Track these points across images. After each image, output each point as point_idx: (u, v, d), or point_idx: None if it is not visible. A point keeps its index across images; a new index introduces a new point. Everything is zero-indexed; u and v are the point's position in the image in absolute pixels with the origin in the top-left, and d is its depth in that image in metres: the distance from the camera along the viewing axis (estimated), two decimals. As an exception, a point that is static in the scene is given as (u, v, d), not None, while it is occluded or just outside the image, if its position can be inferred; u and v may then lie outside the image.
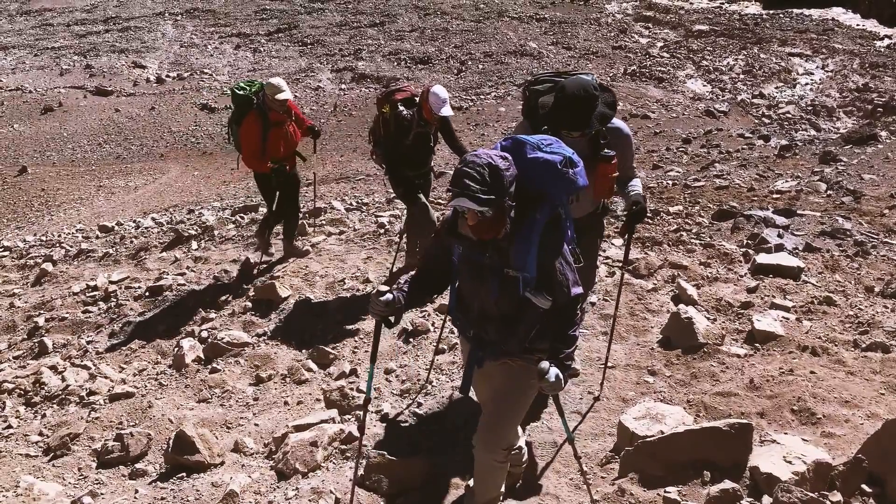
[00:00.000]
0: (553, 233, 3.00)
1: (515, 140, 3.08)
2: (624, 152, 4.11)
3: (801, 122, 17.06)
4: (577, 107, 3.81)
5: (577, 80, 3.86)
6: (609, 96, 4.08)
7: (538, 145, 3.05)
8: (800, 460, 3.49)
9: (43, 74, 24.48)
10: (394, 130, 6.23)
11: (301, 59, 24.80)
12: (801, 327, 5.21)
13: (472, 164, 2.81)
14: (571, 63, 22.44)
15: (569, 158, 3.01)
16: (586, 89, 3.82)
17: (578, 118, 3.86)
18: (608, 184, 4.05)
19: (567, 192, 3.06)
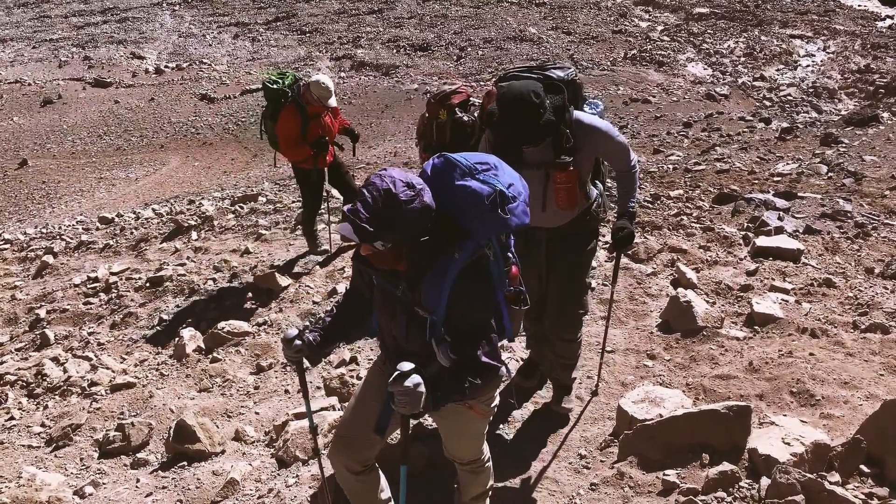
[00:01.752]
0: (473, 278, 2.57)
1: (446, 160, 2.62)
2: (598, 148, 3.66)
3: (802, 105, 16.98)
4: (514, 120, 3.36)
5: (513, 89, 3.36)
6: (557, 98, 3.49)
7: (471, 169, 2.58)
8: (798, 442, 3.49)
9: (42, 66, 24.44)
10: (453, 138, 5.66)
11: (300, 48, 24.72)
12: (800, 309, 5.20)
13: (371, 187, 2.42)
14: (571, 48, 22.33)
15: (500, 192, 2.52)
16: (523, 100, 3.31)
17: (520, 134, 3.41)
18: (565, 195, 3.61)
19: (494, 232, 2.60)
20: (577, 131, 3.55)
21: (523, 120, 3.35)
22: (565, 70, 3.67)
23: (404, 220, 2.40)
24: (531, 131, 3.39)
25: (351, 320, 3.00)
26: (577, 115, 3.59)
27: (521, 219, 2.62)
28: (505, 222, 2.55)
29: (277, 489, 3.84)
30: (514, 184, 2.64)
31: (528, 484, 3.80)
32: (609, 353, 4.98)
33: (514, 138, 3.41)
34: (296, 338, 2.84)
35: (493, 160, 2.68)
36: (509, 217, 2.55)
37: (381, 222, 2.39)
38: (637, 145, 13.12)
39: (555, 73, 3.62)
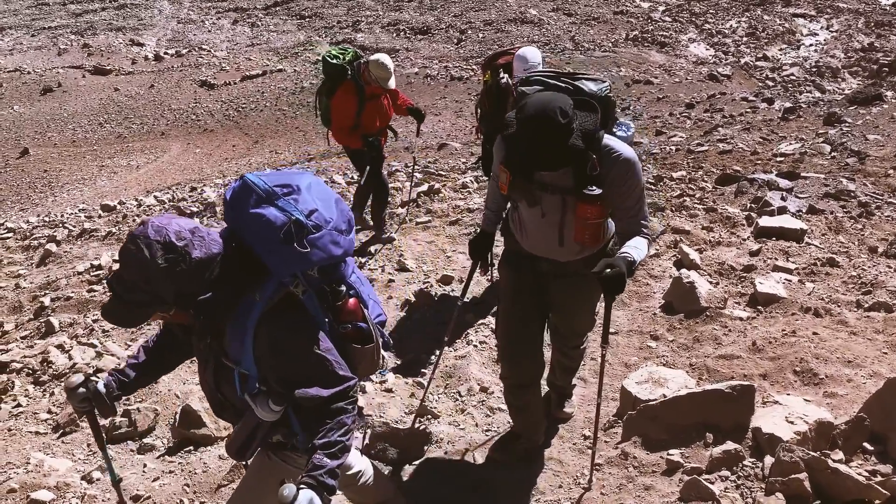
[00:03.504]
0: (280, 320, 2.23)
1: (243, 184, 2.28)
2: (621, 185, 3.03)
3: (805, 84, 16.89)
4: (533, 143, 2.86)
5: (537, 103, 2.82)
6: (590, 119, 2.95)
7: (269, 195, 2.23)
8: (802, 420, 3.50)
9: (41, 55, 24.36)
10: (494, 101, 5.27)
11: (299, 33, 24.61)
12: (803, 289, 5.20)
13: (126, 255, 2.06)
14: (572, 30, 22.20)
15: (296, 221, 2.19)
16: (548, 119, 2.76)
17: (538, 159, 2.89)
18: (587, 230, 3.13)
19: (293, 268, 2.26)
20: (605, 158, 2.98)
21: (545, 143, 2.83)
22: (599, 84, 3.10)
23: (169, 287, 2.07)
24: (553, 157, 2.88)
25: (161, 365, 2.65)
26: (607, 141, 3.02)
27: (329, 251, 2.29)
28: (304, 257, 2.22)
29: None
30: (319, 211, 2.28)
31: (533, 464, 3.82)
32: (612, 335, 4.99)
33: (530, 163, 2.91)
34: (80, 385, 2.48)
35: (300, 181, 2.32)
36: (309, 251, 2.22)
37: (142, 296, 2.07)
38: (639, 127, 13.07)
39: (587, 85, 3.06)
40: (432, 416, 4.28)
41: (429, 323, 5.43)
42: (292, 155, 14.85)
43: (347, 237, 2.39)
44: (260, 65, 21.92)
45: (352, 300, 2.49)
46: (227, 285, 2.18)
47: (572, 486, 3.63)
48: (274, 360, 2.24)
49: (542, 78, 3.12)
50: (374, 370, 2.65)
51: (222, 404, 2.46)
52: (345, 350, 2.43)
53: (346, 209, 2.42)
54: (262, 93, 19.53)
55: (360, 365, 2.51)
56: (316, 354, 2.27)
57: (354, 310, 2.49)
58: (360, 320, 2.50)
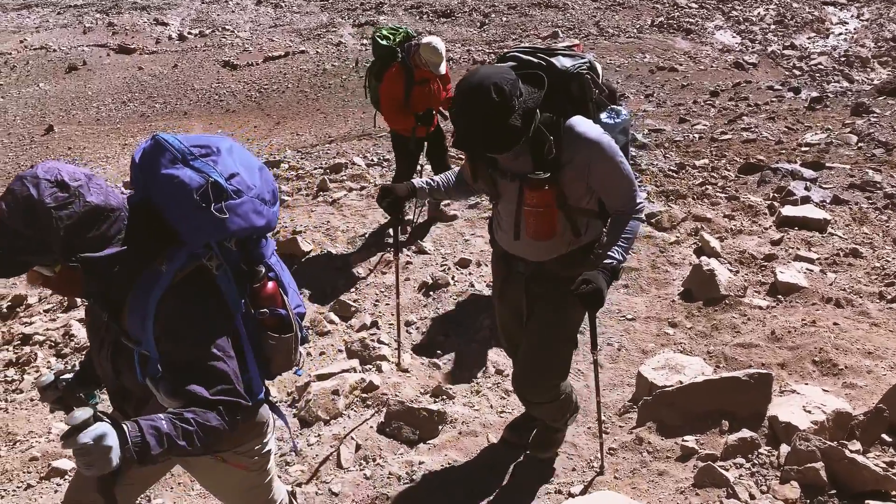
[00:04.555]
0: (186, 299, 1.99)
1: (156, 142, 2.05)
2: (589, 169, 2.76)
3: (833, 74, 16.59)
4: (466, 119, 2.62)
5: (475, 77, 2.59)
6: (532, 96, 2.67)
7: (183, 154, 2.01)
8: (819, 410, 3.48)
9: (66, 33, 24.52)
10: None
11: (322, 14, 24.57)
12: (825, 279, 5.15)
13: (8, 197, 1.83)
14: (597, 15, 21.96)
15: (214, 183, 1.97)
16: (481, 94, 2.52)
17: (471, 138, 2.65)
18: (535, 222, 2.85)
19: (208, 236, 2.02)
20: (567, 141, 2.72)
21: (477, 120, 2.58)
22: (576, 59, 2.85)
23: (57, 233, 1.82)
24: (487, 138, 2.61)
25: None
26: (571, 122, 2.74)
27: (250, 221, 2.06)
28: (221, 224, 1.99)
29: (299, 447, 3.91)
30: (240, 174, 2.06)
31: (547, 447, 3.82)
32: (630, 321, 4.99)
33: (464, 142, 2.68)
34: (51, 385, 2.35)
35: (220, 143, 2.10)
36: (227, 217, 1.99)
37: (25, 244, 1.81)
38: (662, 114, 12.94)
39: (561, 61, 2.82)
40: (447, 397, 4.30)
41: (445, 304, 5.44)
42: (313, 137, 14.87)
43: (271, 209, 2.16)
44: (282, 46, 21.91)
45: (271, 283, 2.27)
46: (128, 248, 1.93)
47: (586, 470, 3.64)
48: (169, 341, 1.97)
49: (516, 53, 2.90)
50: (290, 366, 2.38)
51: (123, 394, 2.19)
52: (260, 340, 2.23)
53: (270, 179, 2.21)
54: (284, 74, 19.53)
55: (275, 358, 2.30)
56: (213, 351, 2.00)
57: (273, 294, 2.27)
58: (279, 306, 2.27)
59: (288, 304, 2.31)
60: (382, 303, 5.60)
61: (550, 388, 3.27)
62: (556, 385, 3.29)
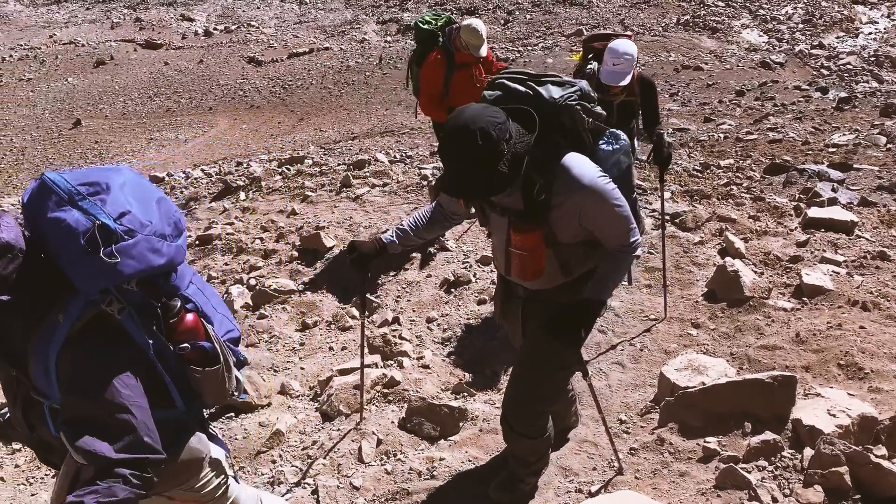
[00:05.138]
0: (88, 348, 1.87)
1: (42, 184, 1.90)
2: (581, 212, 2.59)
3: (862, 74, 16.35)
4: (453, 167, 2.48)
5: (463, 121, 2.38)
6: (522, 140, 2.48)
7: (70, 195, 1.86)
8: (844, 414, 3.44)
9: (94, 28, 24.85)
10: None
11: (346, 11, 24.67)
12: (851, 282, 5.09)
13: None
14: (622, 13, 21.81)
15: (101, 226, 1.83)
16: (467, 142, 2.35)
17: (455, 183, 2.52)
18: (520, 264, 2.77)
19: (100, 282, 1.88)
20: (561, 183, 2.55)
21: (461, 166, 2.44)
22: (565, 89, 2.65)
23: None
24: (471, 183, 2.47)
25: None
26: (566, 162, 2.56)
27: (146, 261, 1.91)
28: (113, 269, 1.84)
29: (321, 441, 3.94)
30: (132, 213, 1.91)
31: (568, 447, 3.82)
32: (652, 321, 4.97)
33: (448, 187, 2.55)
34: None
35: (110, 178, 1.94)
36: (119, 262, 1.84)
37: None
38: (687, 113, 12.85)
39: (550, 90, 2.62)
40: (468, 394, 4.32)
41: (467, 301, 5.46)
42: (336, 133, 14.95)
43: (173, 243, 2.00)
44: (307, 42, 22.04)
45: (189, 315, 2.13)
46: (23, 293, 1.82)
47: (606, 469, 3.63)
48: (68, 394, 1.85)
49: (505, 81, 2.69)
50: (225, 396, 2.25)
51: (45, 447, 2.09)
52: (185, 374, 2.13)
53: (172, 210, 2.04)
54: (309, 70, 19.65)
55: (206, 391, 2.18)
56: (117, 402, 1.86)
57: (192, 327, 2.13)
58: (202, 338, 2.14)
59: (213, 335, 2.16)
60: (404, 299, 5.63)
61: (537, 416, 3.12)
62: (542, 413, 3.14)
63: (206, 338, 2.15)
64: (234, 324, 2.35)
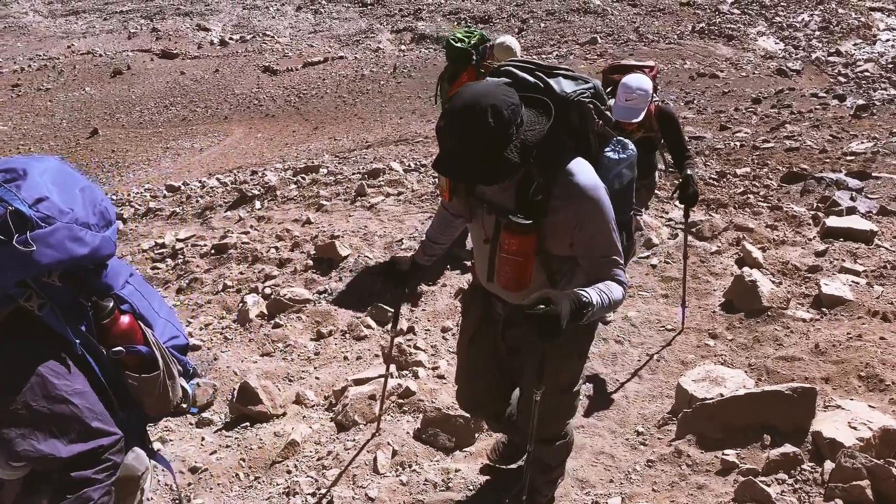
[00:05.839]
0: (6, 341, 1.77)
1: None
2: (579, 226, 2.35)
3: (880, 81, 16.22)
4: (455, 146, 2.21)
5: (473, 96, 2.16)
6: (537, 127, 2.25)
7: None
8: (865, 426, 3.40)
9: (112, 38, 25.12)
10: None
11: (361, 20, 24.79)
12: (871, 292, 5.03)
13: None
14: (637, 20, 21.78)
15: (14, 212, 1.69)
16: (476, 120, 2.12)
17: (455, 165, 2.23)
18: (510, 271, 2.49)
19: (16, 274, 1.73)
20: (562, 188, 2.33)
21: (464, 145, 2.18)
22: (578, 84, 2.47)
23: None
24: (473, 166, 2.21)
25: None
26: (571, 167, 2.34)
27: (67, 251, 1.76)
28: (27, 259, 1.69)
29: (336, 452, 3.93)
30: (51, 199, 1.76)
31: (585, 459, 3.80)
32: (669, 331, 4.93)
33: (444, 166, 2.25)
34: None
35: (30, 165, 1.81)
36: (35, 250, 1.69)
37: None
38: (703, 121, 12.79)
39: (562, 83, 2.45)
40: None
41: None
42: (351, 142, 15.00)
43: (99, 233, 1.85)
44: (322, 52, 22.17)
45: (124, 317, 1.98)
46: None
47: (623, 482, 3.60)
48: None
49: (513, 69, 2.50)
50: (168, 407, 2.08)
51: None
52: (121, 381, 1.97)
53: (98, 198, 1.90)
54: (323, 80, 19.75)
55: (145, 401, 2.02)
56: (52, 394, 1.73)
57: (127, 329, 1.98)
58: (138, 342, 1.99)
59: (152, 340, 2.02)
60: (419, 308, 5.61)
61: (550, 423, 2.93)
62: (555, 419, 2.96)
63: (144, 342, 2.00)
64: (180, 330, 2.21)
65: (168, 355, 2.06)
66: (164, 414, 2.11)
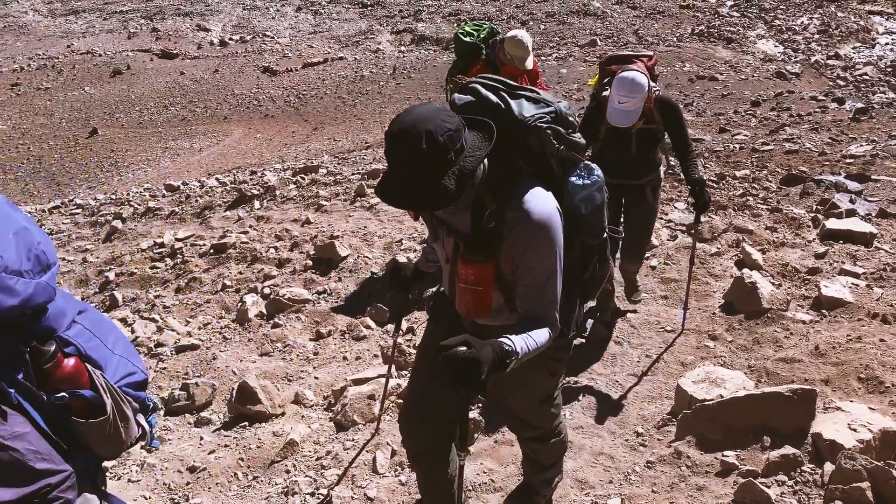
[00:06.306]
0: None
1: None
2: (520, 254, 2.26)
3: (879, 84, 16.23)
4: (391, 170, 2.17)
5: (411, 120, 2.09)
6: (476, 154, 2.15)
7: None
8: (865, 428, 3.40)
9: (112, 38, 25.09)
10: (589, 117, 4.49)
11: (361, 21, 24.78)
12: (871, 294, 5.03)
13: None
14: (636, 23, 21.79)
15: None
16: (409, 145, 2.05)
17: (389, 189, 2.17)
18: (469, 299, 2.41)
19: None
20: (513, 213, 2.24)
21: (398, 170, 2.13)
22: (539, 107, 2.39)
23: None
24: (408, 192, 2.14)
25: None
26: (523, 189, 2.26)
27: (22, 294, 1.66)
28: None
29: (335, 451, 3.93)
30: None
31: (584, 460, 3.79)
32: (669, 333, 4.93)
33: (381, 192, 2.18)
34: None
35: None
36: None
37: None
38: (702, 124, 12.79)
39: (522, 105, 2.37)
40: (484, 405, 4.29)
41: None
42: (350, 143, 14.99)
43: (34, 280, 1.72)
44: (321, 52, 22.17)
45: (69, 360, 1.86)
46: None
47: (622, 483, 3.59)
48: None
49: (478, 87, 2.42)
50: (122, 447, 1.97)
51: None
52: (68, 426, 1.86)
53: (34, 242, 1.77)
54: (323, 80, 19.74)
55: (95, 444, 1.91)
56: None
57: (71, 374, 1.85)
58: (84, 385, 1.86)
59: (100, 382, 1.89)
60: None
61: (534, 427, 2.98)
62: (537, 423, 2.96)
63: (91, 385, 1.87)
64: (138, 366, 2.08)
65: (120, 395, 1.94)
66: (116, 454, 2.00)
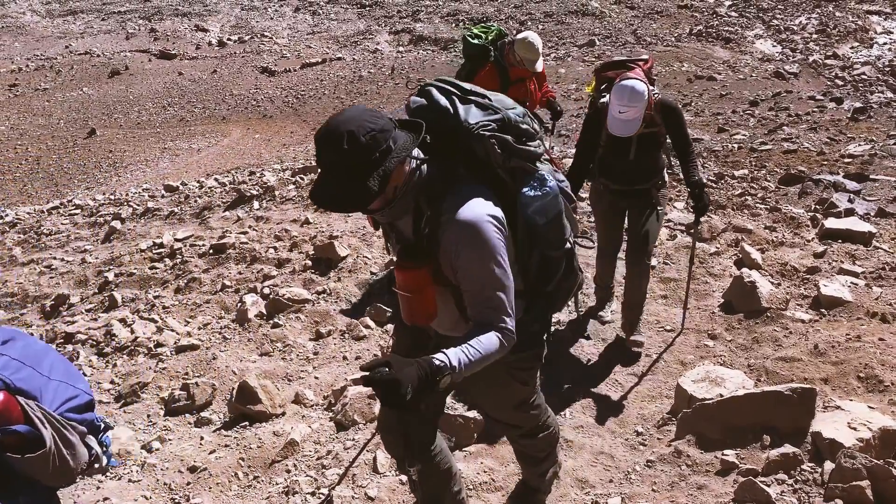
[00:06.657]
0: None
1: None
2: (454, 258, 2.20)
3: (877, 84, 16.24)
4: (320, 172, 2.17)
5: (336, 121, 2.09)
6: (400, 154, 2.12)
7: None
8: (865, 427, 3.40)
9: (110, 38, 25.07)
10: (589, 125, 4.47)
11: (359, 22, 24.77)
12: (870, 293, 5.04)
13: None
14: (634, 23, 21.81)
15: None
16: (332, 144, 2.05)
17: (316, 189, 2.15)
18: (409, 305, 2.35)
19: None
20: (446, 216, 2.19)
21: (324, 170, 2.13)
22: (487, 114, 2.32)
23: None
24: (331, 193, 2.12)
25: None
26: (456, 192, 2.22)
27: None
28: None
29: (336, 451, 3.93)
30: None
31: (584, 459, 3.79)
32: (669, 332, 4.94)
33: (311, 193, 2.16)
34: None
35: None
36: None
37: None
38: (700, 123, 12.81)
39: (470, 112, 2.31)
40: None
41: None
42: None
43: None
44: (320, 53, 22.16)
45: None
46: None
47: (623, 481, 3.60)
48: None
49: (432, 90, 2.40)
50: (72, 476, 1.94)
51: None
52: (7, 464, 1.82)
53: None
54: (321, 80, 19.73)
55: (40, 477, 1.87)
56: None
57: (2, 410, 1.81)
58: (15, 421, 1.81)
59: (35, 415, 1.83)
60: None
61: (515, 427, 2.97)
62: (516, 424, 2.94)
63: (24, 419, 1.81)
64: (80, 388, 2.02)
65: (62, 423, 1.88)
66: (67, 482, 1.96)
